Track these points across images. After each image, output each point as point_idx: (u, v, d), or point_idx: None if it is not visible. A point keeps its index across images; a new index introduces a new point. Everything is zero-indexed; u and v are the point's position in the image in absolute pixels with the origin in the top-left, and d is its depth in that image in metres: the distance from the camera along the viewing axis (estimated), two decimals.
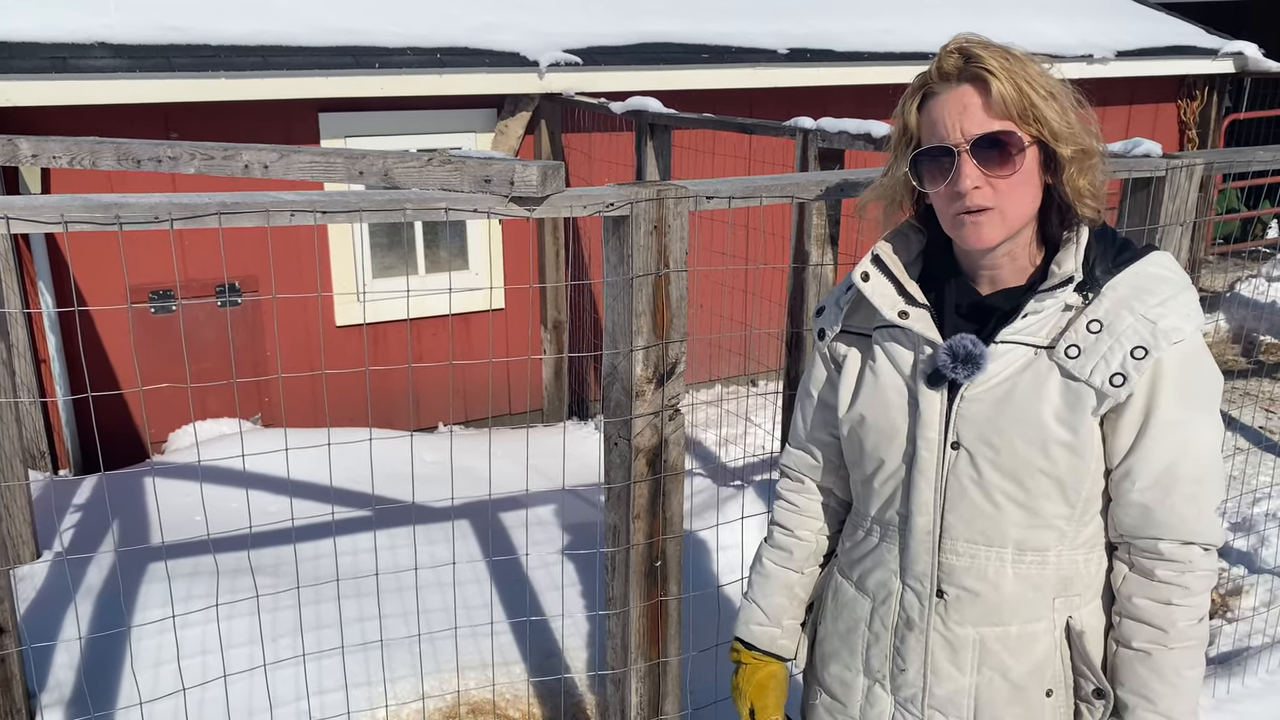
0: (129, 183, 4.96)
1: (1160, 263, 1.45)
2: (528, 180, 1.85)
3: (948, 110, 1.40)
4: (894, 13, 7.16)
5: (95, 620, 3.42)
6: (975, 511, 1.47)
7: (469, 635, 3.38)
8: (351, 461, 4.16)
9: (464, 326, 6.08)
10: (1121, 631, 1.48)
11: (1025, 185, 1.41)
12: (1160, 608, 1.44)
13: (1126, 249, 1.46)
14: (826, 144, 3.80)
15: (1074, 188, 1.42)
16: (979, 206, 1.40)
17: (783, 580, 1.77)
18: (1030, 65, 1.40)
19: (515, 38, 5.65)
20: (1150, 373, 1.39)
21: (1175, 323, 1.39)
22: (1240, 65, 7.97)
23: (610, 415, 2.16)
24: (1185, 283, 1.44)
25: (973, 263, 1.50)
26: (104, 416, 5.35)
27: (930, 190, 1.45)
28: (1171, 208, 2.65)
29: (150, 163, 2.14)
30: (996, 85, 1.37)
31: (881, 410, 1.54)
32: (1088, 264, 1.44)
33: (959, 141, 1.39)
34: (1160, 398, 1.39)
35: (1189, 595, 1.43)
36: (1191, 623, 1.44)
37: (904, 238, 1.58)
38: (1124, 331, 1.39)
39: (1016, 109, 1.38)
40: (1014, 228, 1.43)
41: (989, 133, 1.38)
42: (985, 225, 1.41)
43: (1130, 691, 1.47)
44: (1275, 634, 3.62)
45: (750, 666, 1.79)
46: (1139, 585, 1.46)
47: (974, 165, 1.39)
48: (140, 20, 5.02)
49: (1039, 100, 1.38)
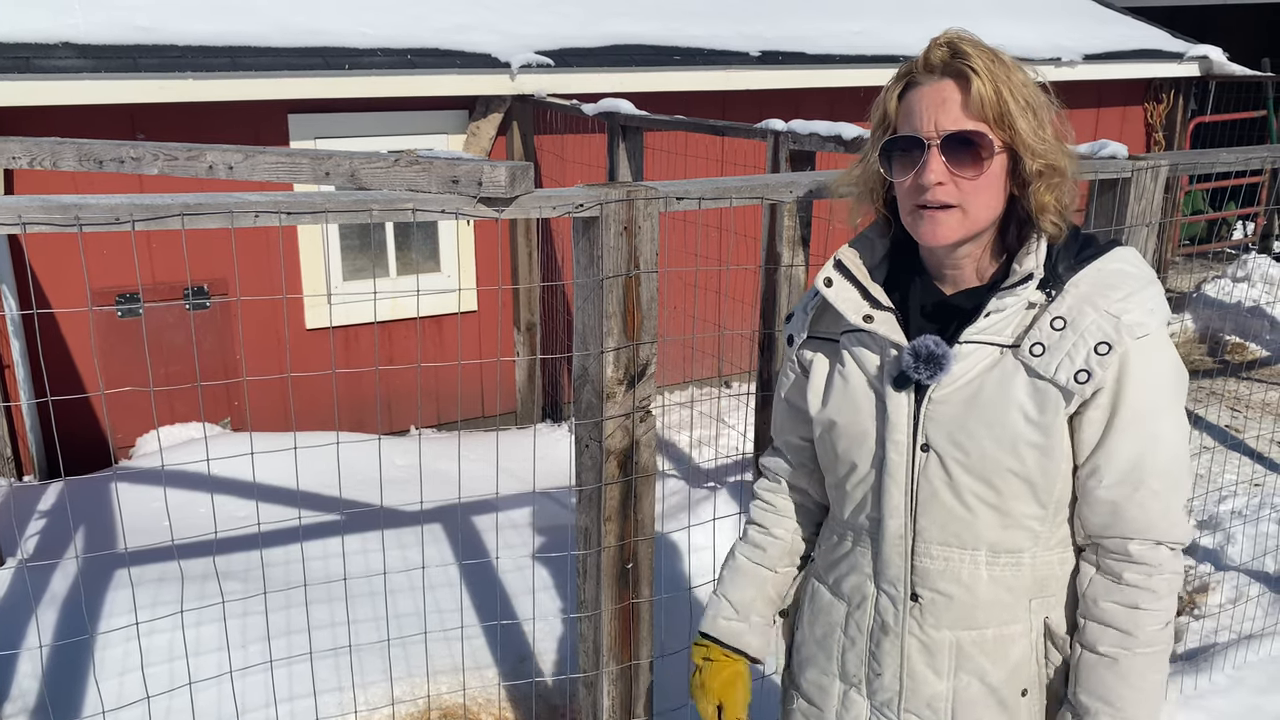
0: (95, 184, 4.90)
1: (1123, 258, 1.44)
2: (496, 181, 1.84)
3: (925, 102, 1.40)
4: (865, 15, 7.19)
5: (60, 628, 3.36)
6: (947, 514, 1.46)
7: (441, 639, 3.35)
8: (323, 465, 4.12)
9: (436, 329, 6.04)
10: (1086, 635, 1.46)
11: (989, 189, 1.40)
12: (1127, 612, 1.43)
13: (1089, 245, 1.46)
14: (798, 146, 3.81)
15: (1039, 202, 1.41)
16: (940, 203, 1.40)
17: (755, 575, 1.75)
18: (1016, 73, 1.39)
19: (486, 39, 5.63)
20: (1115, 368, 1.38)
21: (1139, 317, 1.38)
22: (1205, 69, 8.07)
23: (581, 417, 2.15)
24: (1149, 277, 1.43)
25: (936, 262, 1.50)
26: (71, 422, 5.27)
27: (897, 180, 1.44)
28: (1137, 209, 2.67)
29: (113, 163, 2.11)
30: (977, 84, 1.36)
31: (851, 414, 1.53)
32: (1050, 261, 1.43)
33: (931, 134, 1.39)
34: (1125, 393, 1.39)
35: (1157, 599, 1.42)
36: (1158, 627, 1.43)
37: (868, 242, 1.57)
38: (1087, 328, 1.38)
39: (993, 112, 1.37)
40: (972, 230, 1.42)
41: (961, 130, 1.37)
42: (943, 223, 1.41)
43: (1094, 696, 1.45)
44: (1241, 630, 3.66)
45: (717, 664, 1.75)
46: (1105, 588, 1.44)
47: (941, 161, 1.38)
48: (106, 20, 4.96)
49: (1015, 109, 1.37)
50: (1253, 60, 8.88)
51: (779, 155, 3.87)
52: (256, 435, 5.14)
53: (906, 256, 1.54)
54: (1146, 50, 7.95)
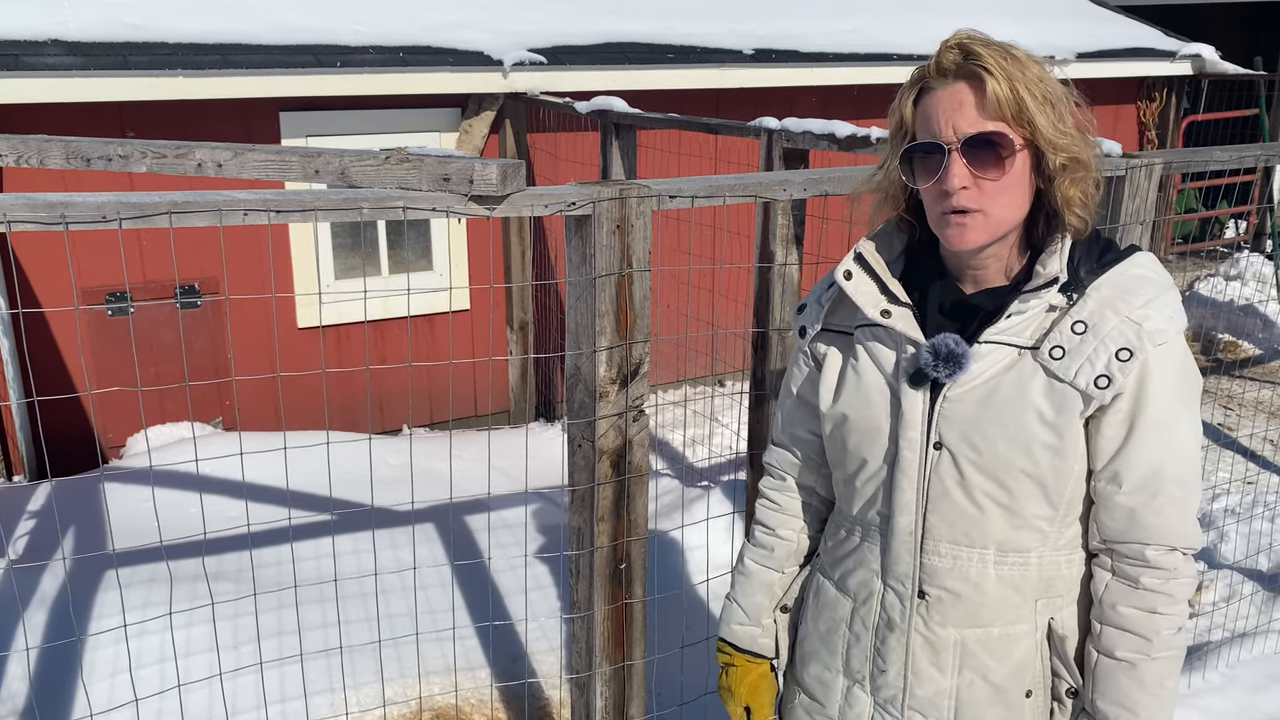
0: (86, 183, 4.87)
1: (1144, 264, 1.43)
2: (487, 179, 1.82)
3: (941, 107, 1.38)
4: (859, 13, 7.19)
5: (50, 629, 3.34)
6: (957, 512, 1.46)
7: (433, 640, 3.34)
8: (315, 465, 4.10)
9: (429, 328, 6.02)
10: (1103, 641, 1.45)
11: (1014, 189, 1.39)
12: (1146, 616, 1.42)
13: (1110, 250, 1.45)
14: (791, 144, 3.80)
15: (1065, 196, 1.40)
16: (964, 208, 1.38)
17: (763, 579, 1.75)
18: (1030, 68, 1.37)
19: (479, 37, 5.61)
20: (1136, 374, 1.37)
21: (1159, 324, 1.37)
22: (1198, 68, 8.08)
23: (574, 417, 2.14)
24: (1168, 283, 1.42)
25: (958, 262, 1.49)
26: (61, 421, 5.24)
27: (920, 186, 1.43)
28: (1131, 207, 2.66)
29: (100, 161, 2.09)
30: (991, 84, 1.34)
31: (864, 409, 1.52)
32: (1072, 265, 1.42)
33: (950, 139, 1.37)
34: (1147, 400, 1.38)
35: (1173, 604, 1.41)
36: (1173, 631, 1.42)
37: (887, 237, 1.56)
38: (1109, 333, 1.37)
39: (1010, 110, 1.35)
40: (998, 231, 1.41)
41: (980, 133, 1.36)
42: (970, 227, 1.39)
43: (1112, 702, 1.44)
44: (1235, 628, 3.66)
45: (741, 669, 1.77)
46: (1123, 593, 1.43)
47: (963, 164, 1.37)
48: (95, 17, 4.93)
49: (1033, 105, 1.35)
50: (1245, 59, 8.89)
51: (772, 153, 3.86)
52: (248, 435, 5.12)
53: (926, 253, 1.53)
54: (1139, 49, 7.96)
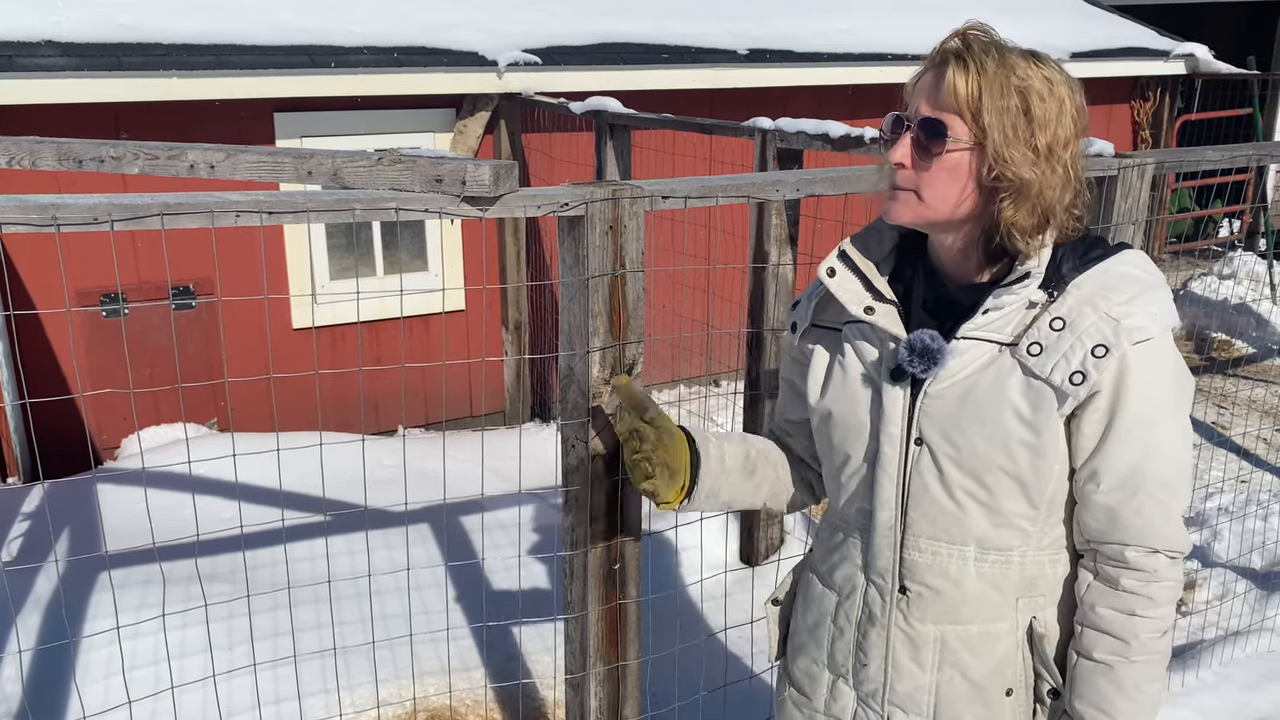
0: (79, 184, 4.86)
1: (1130, 260, 1.42)
2: (480, 180, 1.82)
3: (919, 87, 1.41)
4: (853, 13, 7.19)
5: (44, 631, 3.34)
6: (937, 509, 1.46)
7: (428, 640, 3.34)
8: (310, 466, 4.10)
9: (424, 328, 6.02)
10: (1083, 642, 1.45)
11: (946, 180, 1.39)
12: (1124, 618, 1.41)
13: (1097, 246, 1.44)
14: (785, 144, 3.81)
15: (1004, 215, 1.38)
16: (898, 184, 1.42)
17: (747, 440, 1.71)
18: (1014, 76, 1.34)
19: (474, 37, 5.61)
20: (1114, 372, 1.36)
21: (1140, 322, 1.36)
22: (1192, 67, 8.10)
23: (567, 417, 2.14)
24: (1156, 281, 1.41)
25: (935, 254, 1.50)
26: (56, 423, 5.23)
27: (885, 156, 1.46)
28: (1124, 206, 2.67)
29: (92, 163, 2.09)
30: (955, 76, 1.35)
31: (848, 405, 1.53)
32: (1055, 261, 1.41)
33: (911, 117, 1.40)
34: (1126, 397, 1.36)
35: (1154, 606, 1.40)
36: (1154, 635, 1.41)
37: (877, 233, 1.56)
38: (1086, 329, 1.36)
39: (969, 106, 1.35)
40: (927, 216, 1.42)
41: (927, 115, 1.38)
42: (900, 202, 1.44)
43: (1089, 704, 1.43)
44: (1228, 627, 3.67)
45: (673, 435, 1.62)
46: (1102, 594, 1.42)
47: (908, 143, 1.40)
48: (89, 18, 4.92)
49: (990, 106, 1.34)
50: (1239, 58, 8.90)
51: (766, 153, 3.87)
52: (242, 436, 5.12)
53: (916, 250, 1.54)
54: (1133, 48, 7.97)
